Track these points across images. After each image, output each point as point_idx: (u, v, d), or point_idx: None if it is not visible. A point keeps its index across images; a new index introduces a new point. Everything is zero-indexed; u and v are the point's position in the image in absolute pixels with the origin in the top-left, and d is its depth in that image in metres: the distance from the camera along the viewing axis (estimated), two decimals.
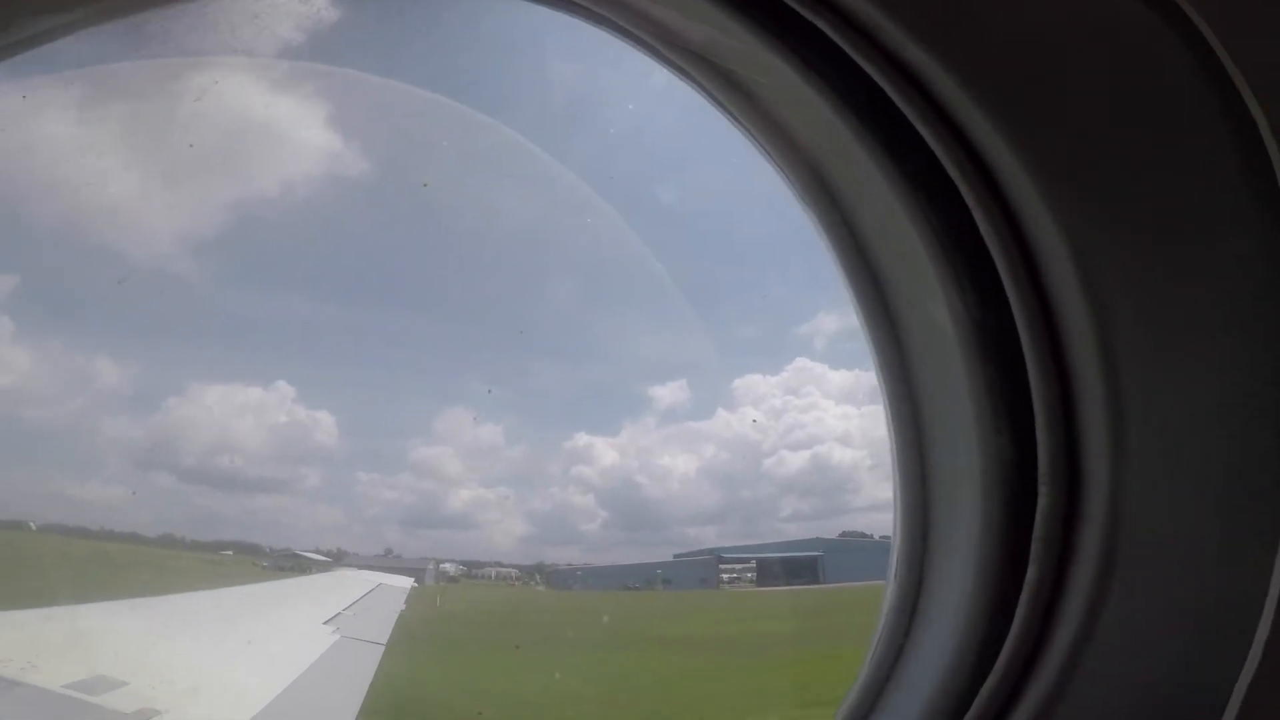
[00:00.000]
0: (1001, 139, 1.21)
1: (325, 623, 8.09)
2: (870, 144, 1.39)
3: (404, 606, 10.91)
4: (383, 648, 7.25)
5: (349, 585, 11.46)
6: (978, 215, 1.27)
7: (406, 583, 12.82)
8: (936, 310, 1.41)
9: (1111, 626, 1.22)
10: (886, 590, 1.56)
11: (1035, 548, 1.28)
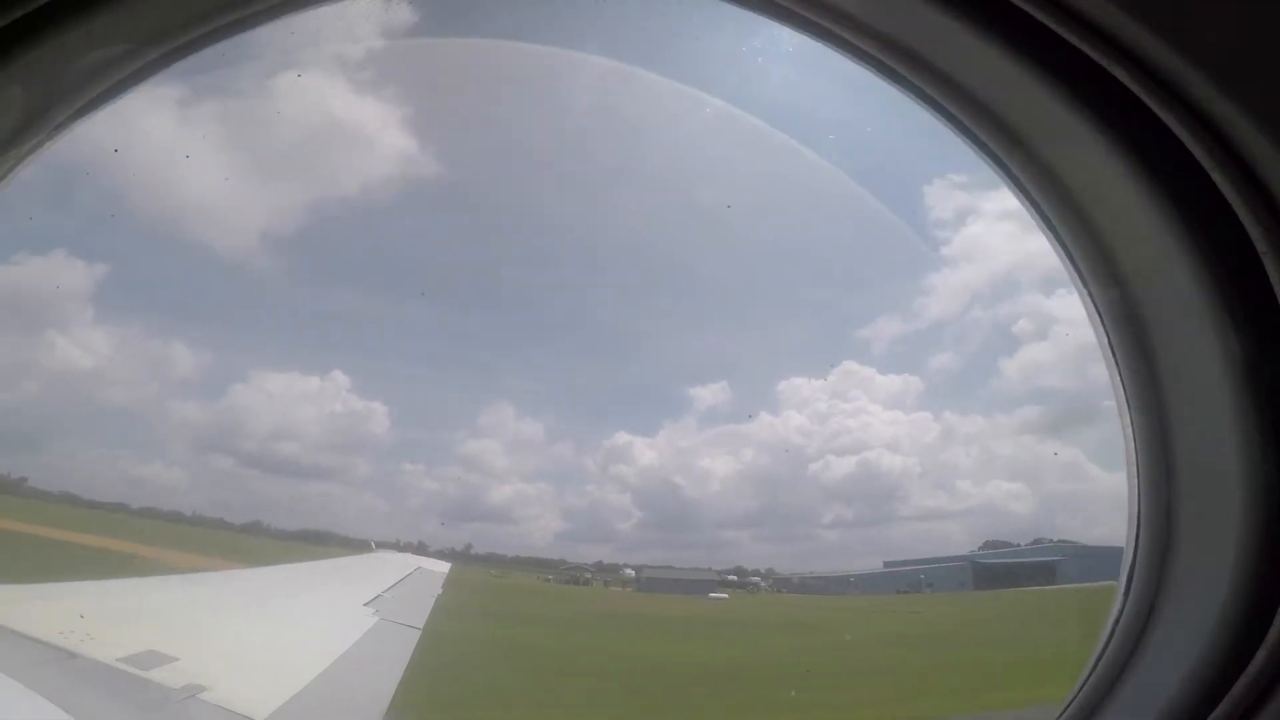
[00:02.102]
0: None
1: (366, 604, 8.29)
2: (1156, 194, 1.47)
3: (440, 591, 11.13)
4: (419, 632, 7.39)
5: (389, 567, 11.73)
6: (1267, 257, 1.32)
7: (444, 567, 13.09)
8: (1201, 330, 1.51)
9: None
10: (1120, 592, 1.72)
11: None
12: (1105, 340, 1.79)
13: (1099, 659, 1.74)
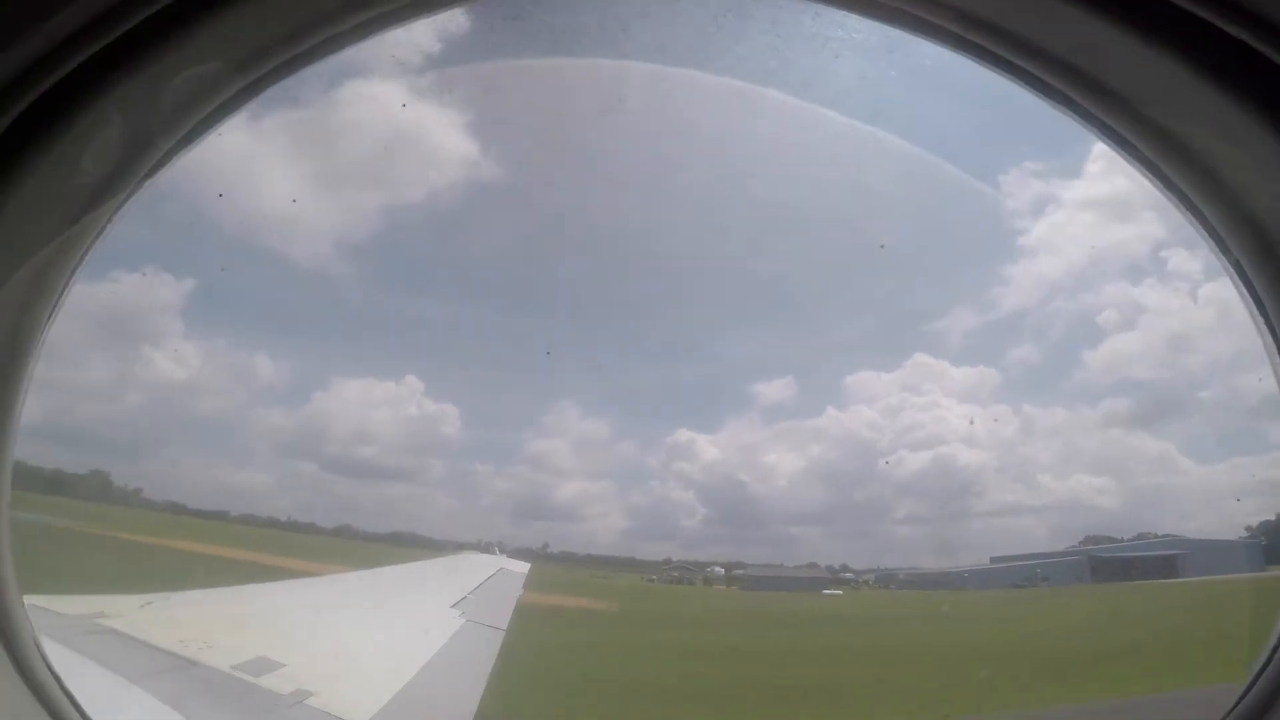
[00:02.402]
0: None
1: (452, 606, 8.60)
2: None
3: (521, 591, 11.42)
4: (503, 632, 7.61)
5: (474, 568, 12.12)
6: None
7: (524, 567, 13.41)
8: None
9: None
10: None
11: None
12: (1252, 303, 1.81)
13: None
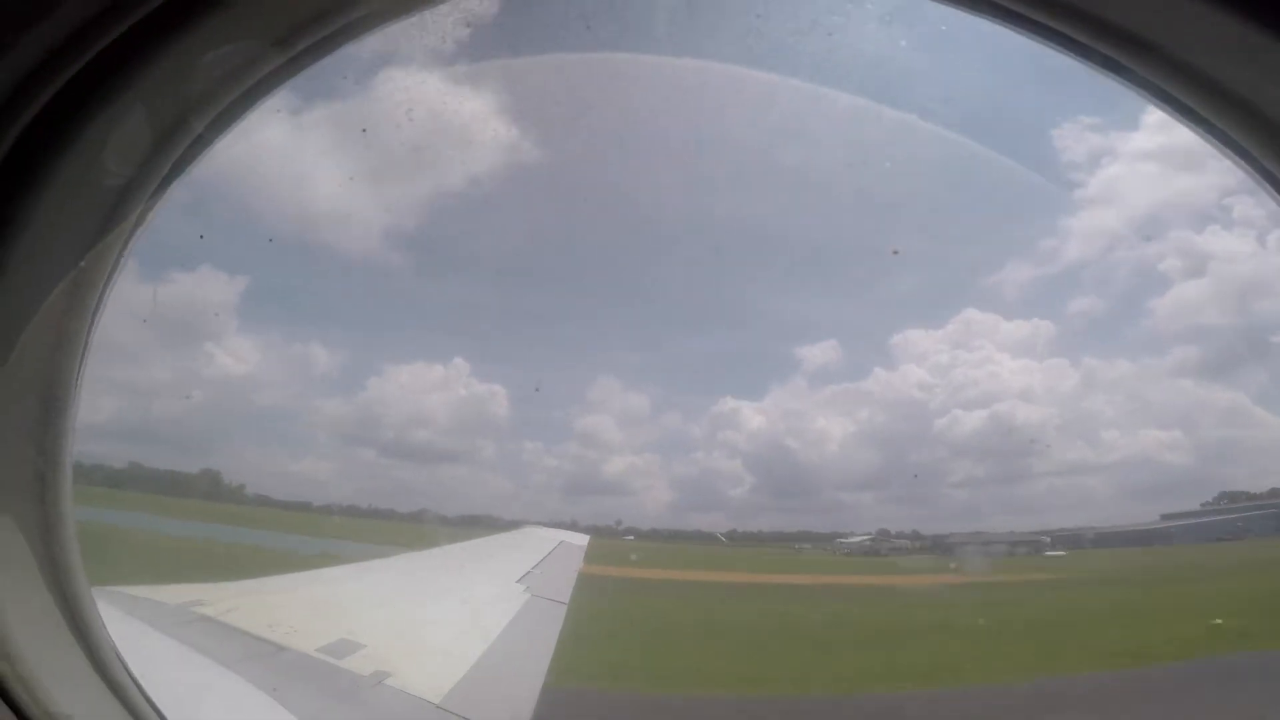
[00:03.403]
0: None
1: (517, 581, 8.93)
2: None
3: (582, 564, 11.74)
4: (565, 606, 7.87)
5: (536, 543, 12.50)
6: None
7: (583, 540, 13.76)
8: None
9: None
10: None
11: None
12: None
13: None
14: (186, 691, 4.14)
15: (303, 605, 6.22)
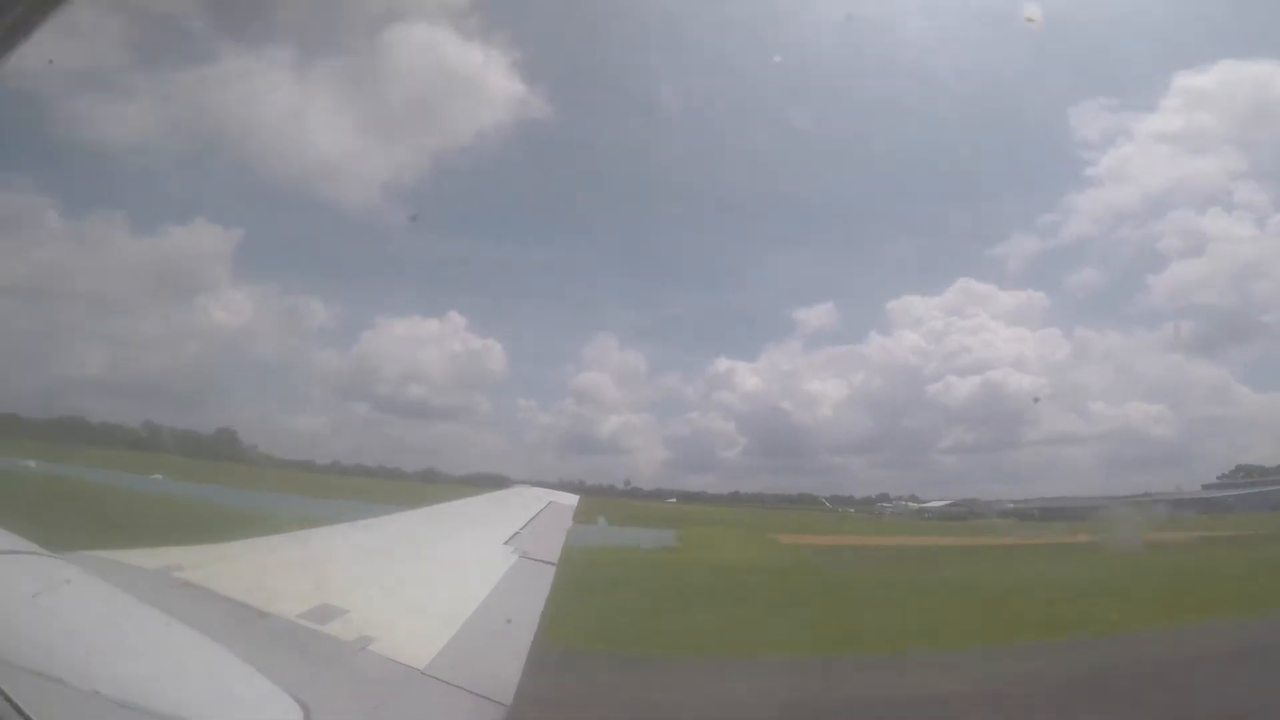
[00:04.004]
0: None
1: (505, 542, 8.91)
2: None
3: (570, 524, 11.77)
4: (553, 568, 7.85)
5: (525, 502, 12.50)
6: None
7: (573, 500, 13.78)
8: None
9: None
10: None
11: None
12: None
13: None
14: (165, 660, 4.06)
15: (286, 569, 6.12)
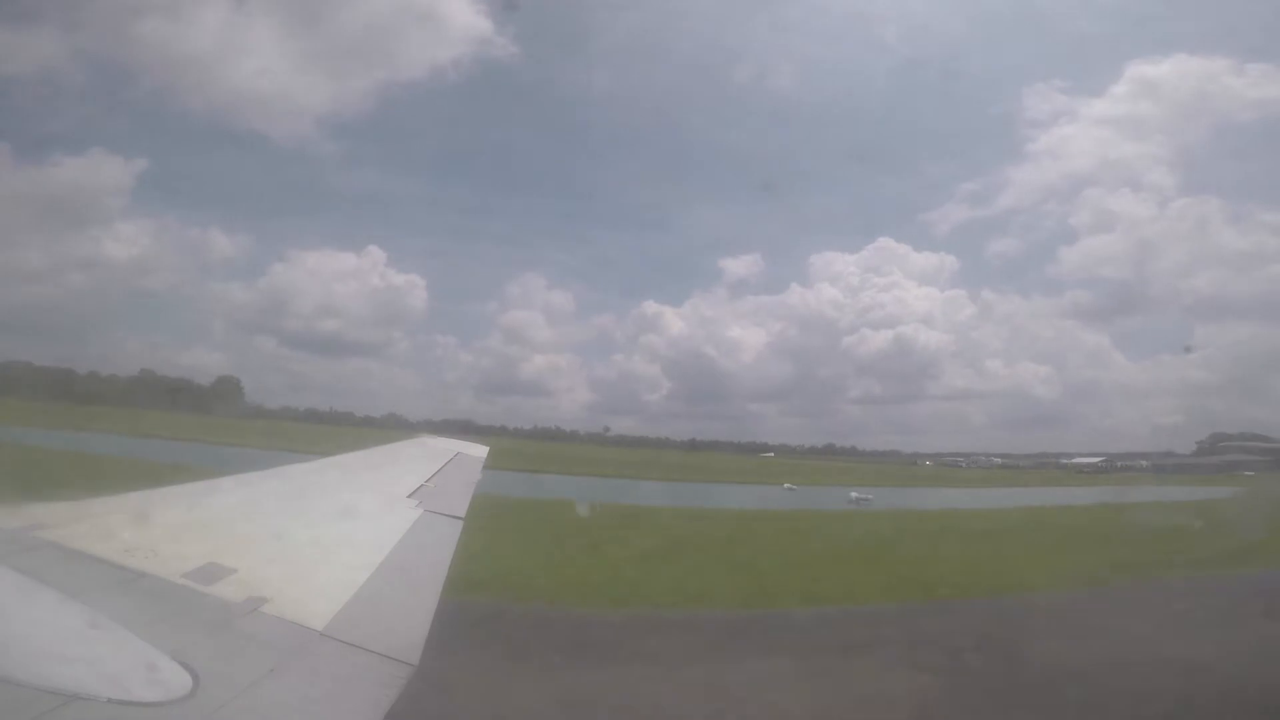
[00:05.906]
0: None
1: (409, 495, 8.71)
2: None
3: (480, 476, 11.63)
4: (461, 522, 7.76)
5: (431, 453, 12.22)
6: None
7: (482, 451, 13.59)
8: None
9: None
10: None
11: None
12: None
13: None
14: (32, 628, 3.72)
15: (166, 525, 5.72)
